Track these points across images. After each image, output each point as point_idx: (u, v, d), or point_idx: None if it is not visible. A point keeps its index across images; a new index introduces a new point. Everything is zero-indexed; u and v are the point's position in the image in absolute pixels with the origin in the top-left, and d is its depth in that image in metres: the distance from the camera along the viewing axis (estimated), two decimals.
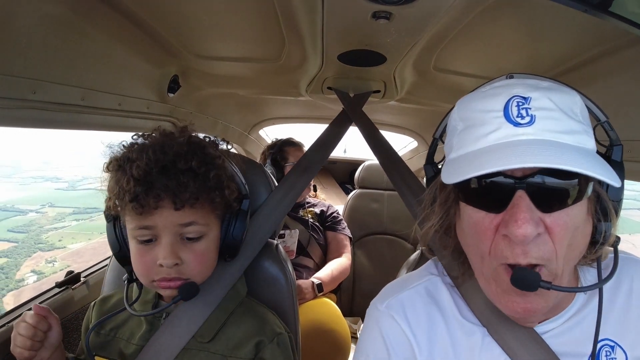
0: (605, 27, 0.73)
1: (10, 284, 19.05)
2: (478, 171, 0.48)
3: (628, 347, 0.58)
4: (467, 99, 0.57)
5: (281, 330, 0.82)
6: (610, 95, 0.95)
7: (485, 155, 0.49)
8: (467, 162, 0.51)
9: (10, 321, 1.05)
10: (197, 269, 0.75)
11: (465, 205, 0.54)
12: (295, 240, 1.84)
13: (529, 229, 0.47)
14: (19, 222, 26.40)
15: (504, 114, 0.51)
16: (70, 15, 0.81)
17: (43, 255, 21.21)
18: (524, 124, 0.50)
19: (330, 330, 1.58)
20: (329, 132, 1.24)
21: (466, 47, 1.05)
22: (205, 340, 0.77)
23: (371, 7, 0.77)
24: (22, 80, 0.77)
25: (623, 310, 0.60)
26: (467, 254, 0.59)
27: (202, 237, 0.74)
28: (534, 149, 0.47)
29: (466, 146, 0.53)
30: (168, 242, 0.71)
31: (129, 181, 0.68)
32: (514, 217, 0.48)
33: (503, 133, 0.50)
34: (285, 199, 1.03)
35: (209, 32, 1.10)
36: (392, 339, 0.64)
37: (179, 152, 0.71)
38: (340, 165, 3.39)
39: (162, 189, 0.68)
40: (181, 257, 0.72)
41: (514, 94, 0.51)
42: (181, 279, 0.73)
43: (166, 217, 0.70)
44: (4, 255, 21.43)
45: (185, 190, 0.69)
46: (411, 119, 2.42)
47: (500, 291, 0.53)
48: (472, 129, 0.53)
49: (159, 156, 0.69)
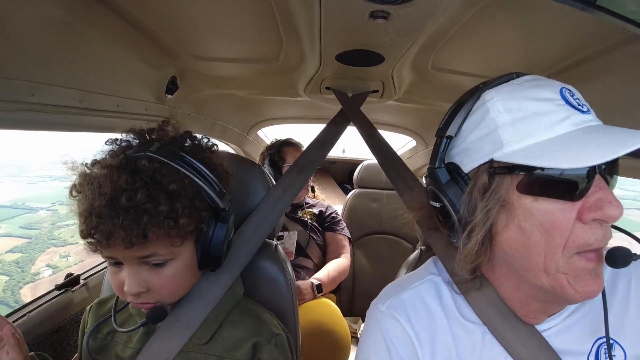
0: (602, 25, 0.73)
1: (27, 277, 19.39)
2: (609, 154, 0.44)
3: (627, 345, 0.59)
4: (506, 91, 0.54)
5: (279, 331, 0.81)
6: (607, 93, 0.95)
7: (582, 141, 0.47)
8: (564, 147, 0.48)
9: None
10: (165, 293, 0.72)
11: (535, 200, 0.51)
12: (294, 242, 1.84)
13: (621, 209, 0.48)
14: (30, 220, 26.76)
15: (565, 102, 0.51)
16: (68, 18, 0.81)
17: (57, 250, 21.52)
18: (585, 111, 0.51)
19: (330, 330, 1.58)
20: (327, 132, 1.24)
21: (464, 46, 1.05)
22: (202, 342, 0.77)
23: (369, 6, 0.77)
24: (20, 82, 0.77)
25: (621, 309, 0.60)
26: (518, 257, 0.54)
27: (167, 263, 0.70)
28: (618, 133, 0.48)
29: (537, 134, 0.50)
30: (132, 272, 0.67)
31: (84, 212, 0.64)
32: (607, 199, 0.48)
33: (577, 119, 0.50)
34: (282, 198, 1.02)
35: (206, 33, 1.10)
36: (395, 341, 0.64)
37: (120, 187, 0.63)
38: (339, 165, 3.39)
39: (111, 226, 0.61)
40: (148, 282, 0.69)
41: (562, 86, 0.52)
42: (150, 303, 0.72)
43: (121, 252, 0.65)
44: (18, 250, 21.88)
45: (132, 229, 0.62)
46: (410, 118, 2.42)
47: (573, 280, 0.51)
48: (536, 117, 0.51)
49: (103, 190, 0.63)
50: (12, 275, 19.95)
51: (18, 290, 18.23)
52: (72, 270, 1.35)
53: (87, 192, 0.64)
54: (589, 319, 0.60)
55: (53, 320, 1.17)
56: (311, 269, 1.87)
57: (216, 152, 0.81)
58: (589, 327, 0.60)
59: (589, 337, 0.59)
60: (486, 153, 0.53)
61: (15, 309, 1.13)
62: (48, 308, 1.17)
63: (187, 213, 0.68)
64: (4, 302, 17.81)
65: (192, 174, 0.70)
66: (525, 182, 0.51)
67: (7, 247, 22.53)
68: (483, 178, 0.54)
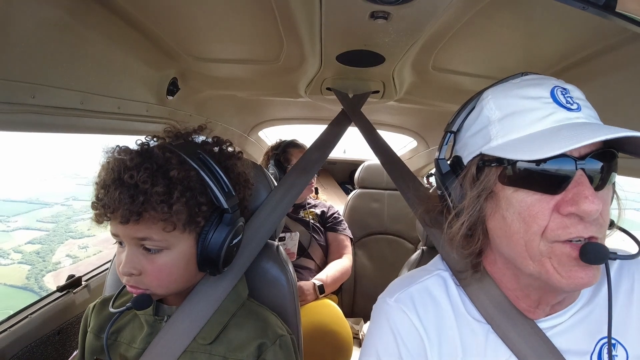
0: (603, 25, 0.73)
1: (48, 266, 21.10)
2: (568, 145, 0.47)
3: (629, 345, 0.59)
4: (501, 90, 0.58)
5: (283, 332, 0.82)
6: (609, 92, 0.95)
7: (554, 135, 0.50)
8: (537, 141, 0.51)
9: (12, 326, 1.05)
10: (155, 281, 0.73)
11: (515, 191, 0.54)
12: (296, 243, 1.84)
13: (598, 205, 0.49)
14: (46, 214, 28.60)
15: (553, 100, 0.53)
16: (68, 19, 0.81)
17: (75, 242, 23.49)
18: (574, 109, 0.53)
19: (332, 331, 1.58)
20: (328, 132, 1.24)
21: (464, 46, 1.05)
22: (207, 342, 0.77)
23: (369, 7, 0.77)
24: (21, 84, 0.77)
25: (624, 309, 0.60)
26: (504, 245, 0.58)
27: (162, 251, 0.73)
28: (598, 127, 0.50)
29: (519, 129, 0.54)
30: (129, 253, 0.72)
31: (99, 187, 0.71)
32: (583, 195, 0.49)
33: (560, 116, 0.52)
34: (284, 199, 1.02)
35: (207, 35, 1.10)
36: (403, 333, 0.64)
37: (127, 166, 0.69)
38: (340, 165, 3.39)
39: (112, 200, 0.67)
40: (141, 267, 0.72)
41: (555, 84, 0.54)
42: (140, 289, 0.73)
43: (121, 229, 0.71)
44: (37, 242, 23.88)
45: (127, 205, 0.67)
46: (410, 118, 2.42)
47: (558, 265, 0.53)
48: (521, 114, 0.54)
49: (113, 167, 0.70)
50: (34, 265, 21.43)
51: (42, 278, 19.57)
52: (91, 260, 1.37)
53: (103, 169, 0.72)
54: (593, 318, 0.60)
55: (55, 322, 1.17)
56: (313, 269, 1.87)
57: (241, 159, 0.86)
58: (592, 326, 0.60)
59: (592, 337, 0.59)
60: (478, 147, 0.58)
61: (16, 310, 1.14)
62: (50, 309, 1.17)
63: (183, 202, 0.70)
64: (29, 288, 19.20)
65: (201, 168, 0.73)
66: (505, 174, 0.55)
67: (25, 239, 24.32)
68: (472, 169, 0.59)
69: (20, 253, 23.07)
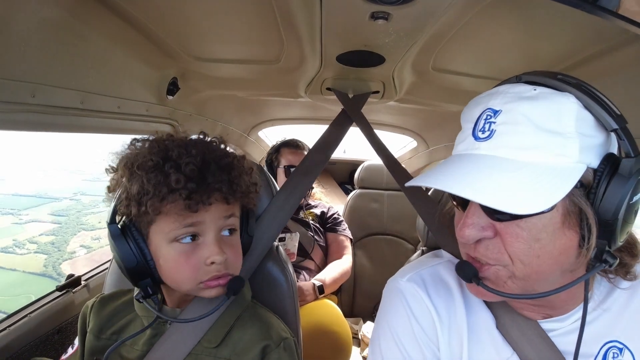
0: (604, 25, 0.73)
1: (64, 255, 22.43)
2: (432, 183, 0.53)
3: (637, 350, 0.59)
4: (469, 103, 0.59)
5: (287, 335, 0.82)
6: (609, 93, 0.95)
7: (443, 166, 0.55)
8: (437, 168, 0.56)
9: (11, 325, 1.05)
10: (236, 262, 0.76)
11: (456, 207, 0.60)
12: (296, 243, 1.83)
13: (470, 233, 0.52)
14: (56, 208, 29.90)
15: (474, 125, 0.54)
16: (69, 19, 0.81)
17: (87, 233, 24.78)
18: (483, 138, 0.52)
19: (331, 331, 1.57)
20: (329, 133, 1.24)
21: (464, 47, 1.05)
22: (213, 345, 0.77)
23: (369, 7, 0.77)
24: (22, 84, 0.77)
25: (634, 314, 0.60)
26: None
27: (234, 231, 0.76)
28: (465, 169, 0.51)
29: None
30: (214, 239, 0.71)
31: (179, 180, 0.66)
32: (463, 220, 0.53)
33: (465, 145, 0.54)
34: (287, 202, 1.01)
35: (207, 34, 1.10)
36: (416, 311, 0.65)
37: (219, 150, 0.75)
38: (340, 165, 3.39)
39: (215, 184, 0.69)
40: (226, 251, 0.72)
41: (489, 107, 0.53)
42: (229, 275, 0.73)
43: (213, 212, 0.70)
44: (51, 234, 25.16)
45: (237, 184, 0.72)
46: (411, 119, 2.42)
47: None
48: (459, 135, 0.58)
49: (205, 154, 0.71)
50: (50, 254, 22.65)
51: (59, 266, 20.82)
52: (105, 250, 1.38)
53: (187, 156, 0.68)
54: (600, 323, 0.60)
55: (54, 321, 1.17)
56: (313, 270, 1.86)
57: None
58: (599, 330, 0.60)
59: (597, 341, 0.60)
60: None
61: (15, 310, 1.14)
62: (49, 309, 1.17)
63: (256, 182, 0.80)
64: (47, 275, 20.34)
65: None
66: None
67: (39, 231, 25.67)
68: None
69: (35, 244, 24.14)
